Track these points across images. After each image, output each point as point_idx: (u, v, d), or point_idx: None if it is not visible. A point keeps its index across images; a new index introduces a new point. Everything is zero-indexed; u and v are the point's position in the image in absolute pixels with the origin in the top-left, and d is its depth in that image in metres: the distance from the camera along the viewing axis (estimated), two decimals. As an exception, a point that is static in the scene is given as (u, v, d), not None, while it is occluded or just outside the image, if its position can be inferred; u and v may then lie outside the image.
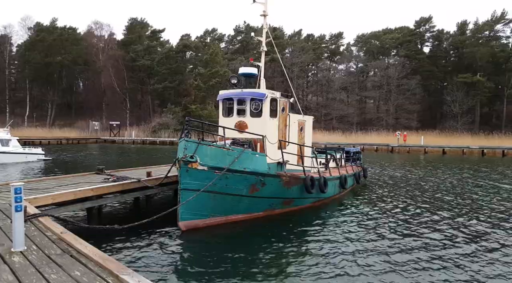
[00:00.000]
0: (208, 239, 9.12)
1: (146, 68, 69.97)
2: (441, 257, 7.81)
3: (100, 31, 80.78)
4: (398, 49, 71.80)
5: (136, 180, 10.65)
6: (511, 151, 38.94)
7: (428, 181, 19.30)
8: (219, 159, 9.35)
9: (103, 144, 55.18)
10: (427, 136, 48.27)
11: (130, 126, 65.69)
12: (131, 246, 8.25)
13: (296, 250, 8.25)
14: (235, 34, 79.18)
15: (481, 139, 47.54)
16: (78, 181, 10.57)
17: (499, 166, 27.75)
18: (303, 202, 11.75)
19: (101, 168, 12.30)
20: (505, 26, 66.79)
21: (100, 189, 9.58)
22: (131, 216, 11.21)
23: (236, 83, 11.96)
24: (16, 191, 4.93)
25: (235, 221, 10.09)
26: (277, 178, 10.39)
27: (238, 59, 66.44)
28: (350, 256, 7.86)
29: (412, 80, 65.51)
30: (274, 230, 9.76)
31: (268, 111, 11.38)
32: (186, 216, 9.20)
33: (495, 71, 66.74)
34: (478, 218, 11.21)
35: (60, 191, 8.89)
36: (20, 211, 4.97)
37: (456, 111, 63.35)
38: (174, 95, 67.06)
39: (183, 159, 8.95)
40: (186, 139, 9.10)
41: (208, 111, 53.88)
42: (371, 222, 10.62)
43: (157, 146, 51.99)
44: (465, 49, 68.11)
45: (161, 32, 77.70)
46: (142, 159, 31.29)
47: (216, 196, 9.46)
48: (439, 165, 28.02)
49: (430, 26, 72.17)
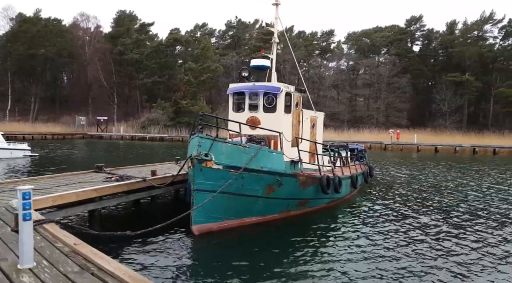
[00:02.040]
0: (222, 244, 8.42)
1: (134, 62, 68.32)
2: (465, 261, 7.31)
3: (86, 23, 78.59)
4: (389, 47, 71.91)
5: (142, 180, 9.84)
6: (502, 150, 39.26)
7: (434, 180, 18.95)
8: (235, 158, 8.62)
9: (90, 139, 53.59)
10: (418, 134, 48.42)
11: (118, 121, 64.06)
12: (141, 252, 7.49)
13: (315, 255, 7.68)
14: (226, 29, 78.03)
15: (471, 137, 47.99)
16: (77, 180, 9.70)
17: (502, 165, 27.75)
18: (318, 203, 11.13)
19: (101, 166, 11.41)
20: (493, 26, 67.60)
21: (104, 189, 8.75)
22: (135, 218, 10.43)
23: (247, 76, 11.22)
24: (25, 196, 4.11)
25: (250, 224, 9.40)
26: (294, 177, 9.72)
27: (229, 54, 65.45)
28: (372, 261, 7.35)
29: (402, 79, 65.72)
30: (290, 233, 9.13)
31: (283, 106, 10.69)
32: (199, 219, 8.46)
33: (482, 70, 67.55)
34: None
35: (60, 192, 8.02)
36: (29, 220, 4.16)
37: (445, 110, 63.94)
38: (163, 90, 65.67)
39: (197, 157, 8.20)
40: (200, 135, 8.34)
41: (199, 106, 52.83)
42: (388, 224, 10.08)
43: (146, 142, 50.72)
44: (454, 48, 68.68)
45: (150, 26, 76.11)
46: (133, 156, 30.26)
47: (231, 198, 8.74)
48: (440, 164, 27.84)
49: (420, 25, 72.50)
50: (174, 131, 55.89)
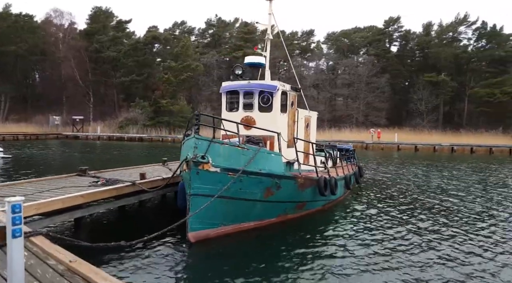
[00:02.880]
0: (220, 251, 7.97)
1: (111, 60, 66.40)
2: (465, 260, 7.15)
3: (60, 20, 75.68)
4: (368, 47, 72.86)
5: (131, 183, 9.23)
6: (479, 148, 40.31)
7: (424, 179, 19.04)
8: (233, 160, 8.17)
9: (65, 140, 51.59)
10: (397, 133, 49.21)
11: (94, 121, 62.09)
12: (136, 264, 6.93)
13: (315, 260, 7.35)
14: (206, 27, 77.01)
15: (449, 136, 49.18)
16: (60, 184, 9.00)
17: (493, 164, 28.37)
18: (314, 205, 10.81)
19: (84, 169, 10.70)
20: (467, 28, 69.57)
21: (92, 195, 8.12)
22: (124, 225, 9.79)
23: (241, 74, 10.76)
24: (15, 209, 3.55)
25: (247, 229, 8.96)
26: (292, 180, 9.35)
27: (210, 53, 64.60)
28: (372, 265, 7.11)
29: (381, 79, 66.71)
30: (289, 238, 8.76)
31: (279, 106, 10.29)
32: (196, 226, 7.96)
33: (457, 71, 69.43)
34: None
35: (43, 198, 7.35)
36: (19, 236, 3.60)
37: (422, 109, 65.38)
38: (142, 89, 64.11)
39: (193, 160, 7.69)
40: (197, 136, 7.83)
41: (180, 106, 51.84)
42: (384, 226, 9.87)
43: (125, 142, 49.30)
44: (430, 49, 70.28)
45: (128, 23, 74.12)
46: (112, 156, 29.23)
47: (229, 202, 8.28)
48: (422, 163, 28.18)
49: (398, 26, 73.79)
50: (153, 131, 54.64)
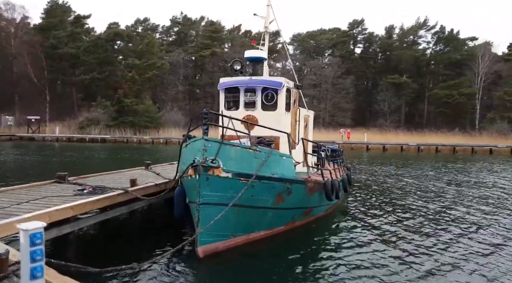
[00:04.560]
0: (231, 266, 7.14)
1: (69, 57, 62.61)
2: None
3: (11, 13, 70.49)
4: (333, 49, 74.02)
5: (123, 191, 8.14)
6: (444, 148, 41.88)
7: (412, 180, 19.11)
8: (245, 163, 7.33)
9: (19, 142, 47.80)
10: (361, 134, 50.37)
11: (51, 121, 58.24)
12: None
13: (330, 270, 6.78)
14: (171, 25, 74.78)
15: (413, 136, 50.86)
16: (40, 194, 7.73)
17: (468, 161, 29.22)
18: (319, 210, 10.20)
19: (63, 175, 9.39)
20: (427, 32, 72.60)
21: (82, 206, 6.97)
22: (116, 239, 8.65)
23: (240, 69, 9.92)
24: (35, 240, 2.58)
25: (256, 239, 8.16)
26: (303, 184, 8.66)
27: (176, 51, 62.72)
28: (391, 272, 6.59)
29: (346, 80, 67.96)
30: (300, 247, 8.11)
31: (284, 104, 9.55)
32: (206, 239, 7.06)
33: (417, 73, 72.26)
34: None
35: (25, 212, 6.15)
36: (40, 277, 2.62)
37: (386, 110, 67.41)
38: (103, 88, 61.01)
39: (202, 164, 6.79)
40: (206, 137, 6.94)
41: (145, 106, 49.75)
42: (387, 227, 9.47)
43: (86, 143, 46.51)
44: (392, 52, 72.64)
45: (87, 18, 70.22)
46: (76, 159, 27.19)
47: (240, 211, 7.45)
48: (399, 161, 28.60)
49: (362, 28, 75.62)
50: (117, 132, 52.10)
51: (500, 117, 55.41)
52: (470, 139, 47.98)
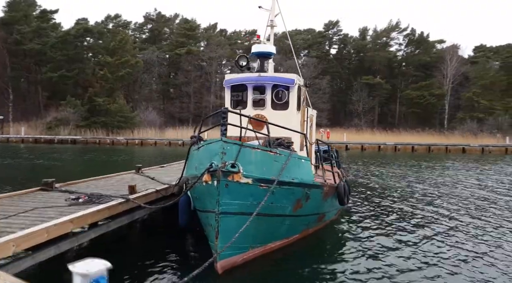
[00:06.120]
0: (251, 280, 6.46)
1: (35, 54, 59.41)
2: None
3: (-31, 5, 66.07)
4: (309, 50, 74.34)
5: (124, 200, 7.24)
6: (420, 147, 42.80)
7: (412, 178, 19.02)
8: (265, 167, 6.63)
9: (-20, 143, 44.82)
10: (340, 133, 50.79)
11: (15, 121, 54.91)
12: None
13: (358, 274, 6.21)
14: (144, 22, 72.53)
15: (388, 135, 51.95)
16: (29, 205, 6.72)
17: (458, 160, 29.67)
18: (330, 215, 9.66)
19: (50, 182, 8.34)
20: (399, 34, 74.32)
21: (83, 219, 6.06)
22: (118, 255, 7.68)
23: (246, 65, 9.21)
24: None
25: (273, 250, 7.49)
26: (320, 188, 8.07)
27: (150, 49, 60.85)
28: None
29: (323, 80, 68.38)
30: (316, 256, 7.57)
31: (296, 102, 8.91)
32: (225, 252, 6.29)
33: (390, 74, 73.88)
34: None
35: (19, 228, 5.20)
36: None
37: (360, 110, 68.48)
38: (72, 86, 58.23)
39: (222, 169, 6.04)
40: (224, 139, 6.19)
41: (118, 105, 47.77)
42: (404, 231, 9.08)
43: (55, 145, 44.12)
44: (366, 53, 73.84)
45: (54, 13, 66.91)
46: (47, 162, 25.37)
47: (259, 220, 6.71)
48: (387, 161, 28.72)
49: (337, 29, 76.40)
50: (88, 133, 49.79)
51: (470, 117, 57.45)
52: (444, 139, 49.45)
